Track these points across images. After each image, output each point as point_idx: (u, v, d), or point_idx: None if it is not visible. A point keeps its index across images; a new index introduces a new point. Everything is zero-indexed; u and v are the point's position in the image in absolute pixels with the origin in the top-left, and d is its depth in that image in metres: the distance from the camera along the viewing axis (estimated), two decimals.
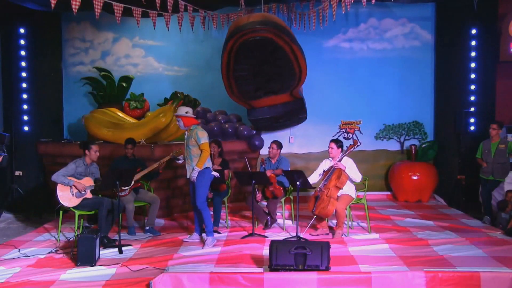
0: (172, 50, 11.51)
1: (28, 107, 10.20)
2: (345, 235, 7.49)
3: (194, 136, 6.96)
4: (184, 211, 9.39)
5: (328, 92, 11.19)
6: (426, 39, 11.21)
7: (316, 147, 11.18)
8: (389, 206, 10.04)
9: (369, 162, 11.16)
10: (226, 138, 10.31)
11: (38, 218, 9.07)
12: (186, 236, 7.55)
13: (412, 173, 10.51)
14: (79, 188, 7.15)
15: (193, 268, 5.92)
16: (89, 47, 11.52)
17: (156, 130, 9.07)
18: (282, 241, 6.22)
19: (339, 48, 11.33)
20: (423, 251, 6.63)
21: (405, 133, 11.26)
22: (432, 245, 6.90)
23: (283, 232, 7.89)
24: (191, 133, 7.02)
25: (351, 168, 7.46)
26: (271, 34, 8.68)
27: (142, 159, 8.23)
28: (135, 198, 7.94)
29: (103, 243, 6.90)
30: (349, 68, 11.27)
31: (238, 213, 9.27)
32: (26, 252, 6.74)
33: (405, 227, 8.05)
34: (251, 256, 6.45)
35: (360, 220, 8.52)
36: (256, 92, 9.73)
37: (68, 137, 10.98)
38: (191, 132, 7.03)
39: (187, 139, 7.09)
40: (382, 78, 11.23)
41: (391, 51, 11.25)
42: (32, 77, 10.27)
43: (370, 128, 11.27)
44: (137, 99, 10.39)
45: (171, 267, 5.97)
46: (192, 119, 7.16)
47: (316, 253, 5.60)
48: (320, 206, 7.33)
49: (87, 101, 11.42)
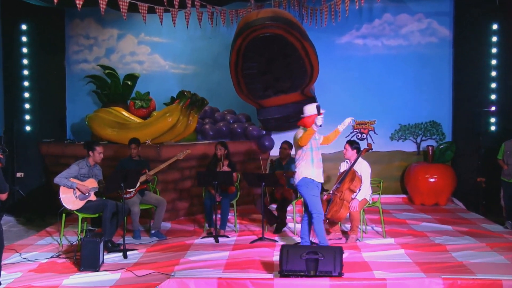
0: (179, 47, 11.53)
1: (30, 106, 10.25)
2: (359, 240, 7.45)
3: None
4: (191, 214, 9.39)
5: (341, 91, 11.14)
6: (443, 35, 11.13)
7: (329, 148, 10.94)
8: (404, 210, 9.98)
9: (383, 163, 11.11)
10: (235, 139, 10.30)
11: (40, 221, 9.09)
12: (193, 240, 7.55)
13: (429, 175, 10.45)
14: (83, 190, 7.16)
15: (201, 274, 5.91)
16: (93, 44, 11.58)
17: (162, 130, 9.08)
18: (293, 245, 6.20)
19: (353, 45, 11.28)
20: (440, 257, 6.57)
21: (421, 133, 11.20)
22: (450, 250, 6.84)
23: (294, 236, 7.87)
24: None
25: (363, 175, 7.41)
26: (282, 31, 8.67)
27: (147, 160, 8.24)
28: (141, 201, 7.95)
29: (107, 247, 6.91)
30: (363, 65, 11.22)
31: (247, 216, 9.26)
32: (28, 257, 6.76)
33: (421, 232, 7.99)
34: (260, 261, 6.43)
35: (375, 224, 8.47)
36: (266, 91, 9.72)
37: (71, 137, 11.04)
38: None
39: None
40: (398, 76, 11.17)
41: (407, 48, 11.19)
42: (34, 75, 10.32)
43: (384, 128, 11.22)
44: (143, 98, 10.41)
45: (177, 272, 5.96)
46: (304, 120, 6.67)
47: (329, 259, 5.57)
48: (333, 209, 7.30)
49: (91, 100, 11.47)
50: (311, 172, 6.50)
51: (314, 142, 6.55)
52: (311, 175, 6.50)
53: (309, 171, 6.50)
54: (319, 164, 6.57)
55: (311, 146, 6.52)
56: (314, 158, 6.52)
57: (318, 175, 6.56)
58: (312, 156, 6.52)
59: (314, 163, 6.51)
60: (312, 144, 6.53)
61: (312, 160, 6.51)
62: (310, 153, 6.53)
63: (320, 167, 6.60)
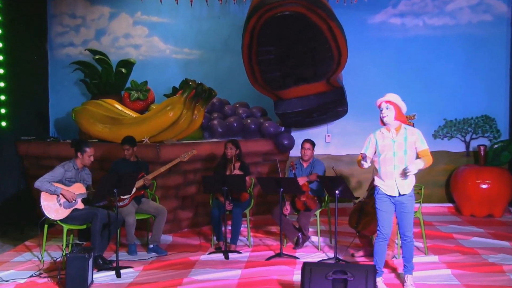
0: (182, 28, 11.58)
1: (5, 98, 10.22)
2: (395, 257, 7.45)
3: (417, 137, 6.42)
4: (196, 226, 9.44)
5: (373, 80, 11.10)
6: (500, 12, 11.07)
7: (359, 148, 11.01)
8: (451, 222, 9.95)
9: None
10: (248, 137, 10.32)
11: (17, 234, 9.17)
12: (199, 256, 7.59)
13: (480, 181, 10.41)
14: (68, 197, 7.20)
15: None
16: (81, 24, 11.66)
17: (162, 126, 9.12)
18: (317, 263, 6.20)
19: (388, 24, 11.27)
20: (496, 280, 6.54)
21: (471, 130, 11.15)
22: (508, 272, 6.80)
23: (317, 252, 7.89)
24: (406, 133, 6.40)
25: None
26: (304, 9, 8.66)
27: (145, 162, 8.28)
28: (137, 210, 8.00)
29: (97, 264, 6.96)
30: (400, 49, 11.21)
31: (262, 229, 9.29)
32: (2, 276, 6.81)
33: (471, 249, 7.96)
34: (278, 282, 6.45)
35: (415, 239, 8.41)
36: (285, 80, 9.72)
37: (55, 134, 11.11)
38: (405, 132, 6.40)
39: (397, 140, 6.39)
40: (443, 62, 11.13)
41: (454, 28, 11.14)
42: (10, 61, 10.24)
43: (426, 124, 11.12)
44: (140, 88, 10.46)
45: None
46: (404, 116, 6.50)
47: (360, 279, 5.57)
48: (364, 220, 7.29)
49: (78, 90, 11.56)
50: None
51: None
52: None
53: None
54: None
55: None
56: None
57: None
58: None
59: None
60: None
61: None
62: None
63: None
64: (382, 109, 6.26)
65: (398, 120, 6.31)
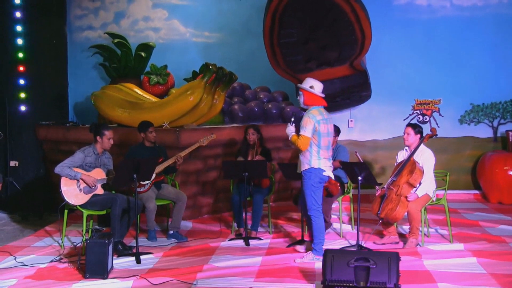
0: (202, 10, 11.59)
1: (25, 82, 10.30)
2: (419, 245, 7.42)
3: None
4: (217, 212, 9.49)
5: (398, 63, 11.06)
6: None
7: (383, 133, 11.09)
8: (477, 209, 9.90)
9: (451, 152, 11.02)
10: (270, 122, 10.33)
11: (37, 219, 9.31)
12: (219, 243, 7.65)
13: (508, 167, 10.35)
14: (88, 182, 7.27)
15: (228, 283, 5.98)
16: (100, 7, 11.72)
17: (182, 111, 9.14)
18: (339, 250, 6.21)
19: (414, 6, 11.17)
20: None
21: (500, 115, 11.06)
22: None
23: (340, 239, 7.91)
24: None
25: (425, 167, 7.35)
26: None
27: (162, 147, 8.32)
28: (157, 195, 8.05)
29: (117, 250, 7.04)
30: (427, 32, 11.12)
31: (284, 215, 9.31)
32: (24, 261, 6.89)
33: (498, 237, 7.90)
34: (299, 269, 6.47)
35: (439, 226, 8.43)
36: (307, 64, 9.70)
37: (74, 119, 11.17)
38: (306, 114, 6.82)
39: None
40: (470, 44, 11.03)
41: (483, 9, 11.02)
42: (30, 44, 10.34)
43: (452, 109, 11.11)
44: (159, 72, 10.51)
45: (200, 281, 6.04)
46: (317, 97, 6.98)
47: (382, 267, 5.57)
48: (388, 207, 7.28)
49: (97, 74, 11.64)
50: None
51: None
52: None
53: None
54: None
55: None
56: None
57: None
58: None
59: None
60: None
61: None
62: None
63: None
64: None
65: (308, 104, 6.88)
